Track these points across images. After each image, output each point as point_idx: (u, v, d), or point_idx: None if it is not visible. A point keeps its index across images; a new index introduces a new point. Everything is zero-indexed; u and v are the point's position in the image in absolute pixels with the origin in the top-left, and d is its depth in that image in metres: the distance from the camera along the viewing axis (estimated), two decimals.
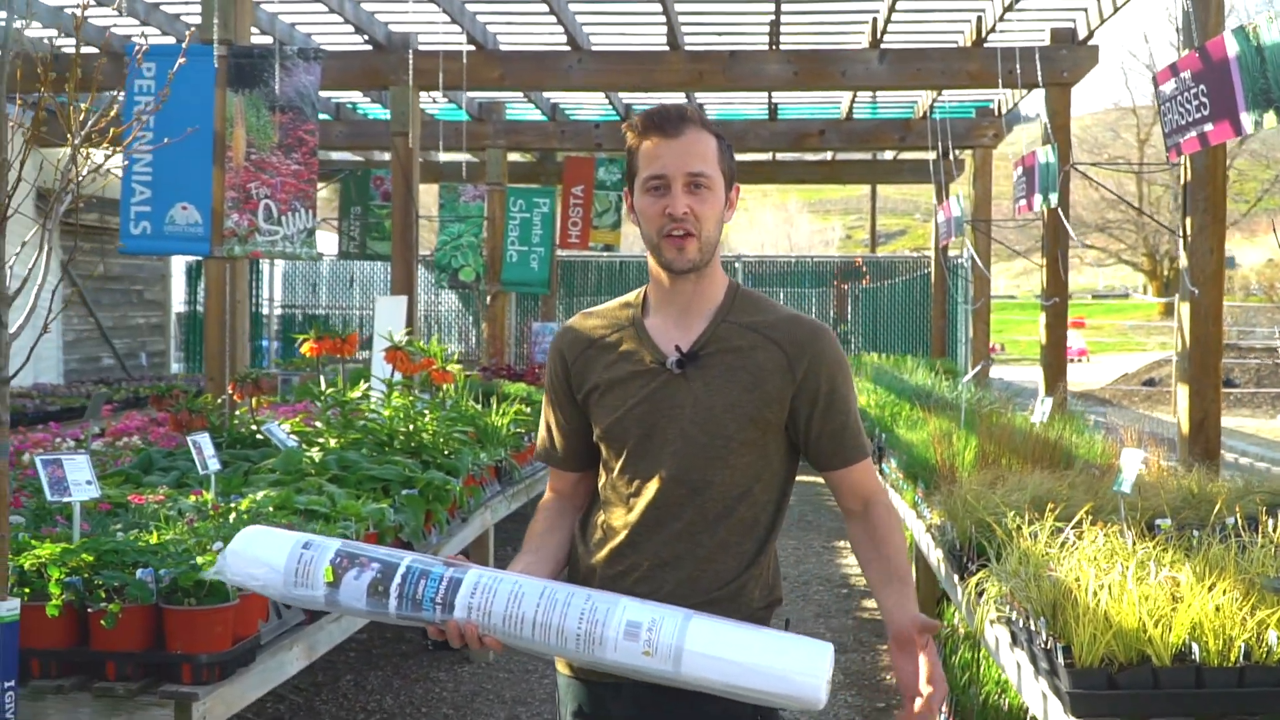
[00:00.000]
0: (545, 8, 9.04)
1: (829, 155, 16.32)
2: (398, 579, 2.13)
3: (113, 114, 3.14)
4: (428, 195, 16.21)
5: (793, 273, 18.39)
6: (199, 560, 3.36)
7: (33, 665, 3.28)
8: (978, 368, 9.24)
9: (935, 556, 5.32)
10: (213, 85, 6.58)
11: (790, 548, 9.85)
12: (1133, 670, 3.00)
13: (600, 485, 2.46)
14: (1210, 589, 3.13)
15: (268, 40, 9.57)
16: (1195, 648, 2.99)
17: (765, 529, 2.39)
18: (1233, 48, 4.17)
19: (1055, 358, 9.23)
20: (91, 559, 3.39)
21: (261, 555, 2.24)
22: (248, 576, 2.25)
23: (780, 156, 16.44)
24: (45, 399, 11.02)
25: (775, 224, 67.09)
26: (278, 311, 17.91)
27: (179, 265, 17.24)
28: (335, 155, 16.25)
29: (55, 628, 3.28)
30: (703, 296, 2.39)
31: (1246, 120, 4.17)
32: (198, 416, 5.74)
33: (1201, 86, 4.47)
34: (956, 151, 14.52)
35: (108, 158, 3.23)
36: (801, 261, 18.90)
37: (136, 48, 4.77)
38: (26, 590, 3.30)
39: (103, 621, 3.23)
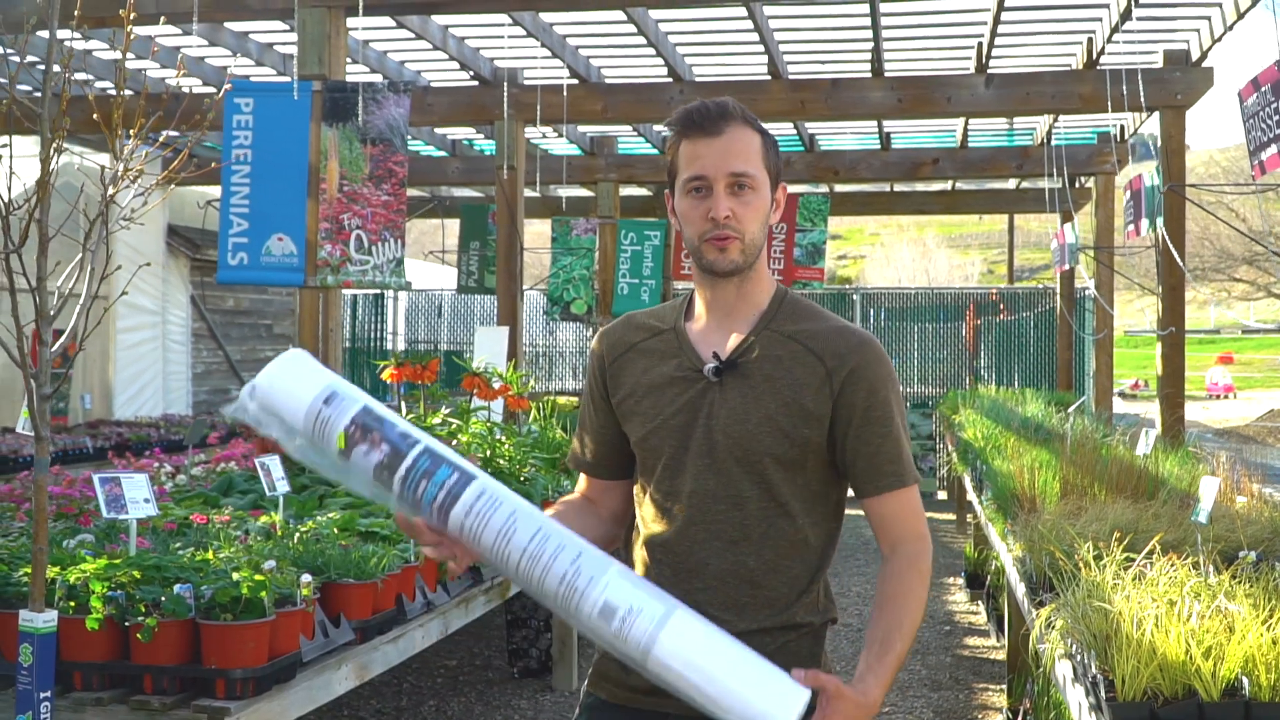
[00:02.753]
0: (644, 40, 9.07)
1: (949, 185, 16.06)
2: (402, 470, 1.98)
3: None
4: (543, 229, 16.38)
5: (916, 307, 18.01)
6: (235, 576, 3.39)
7: (75, 678, 3.35)
8: (1081, 399, 8.93)
9: (1020, 591, 5.14)
10: (307, 119, 6.74)
11: None
12: (1178, 705, 2.83)
13: (637, 497, 2.36)
14: (1266, 621, 2.95)
15: (363, 74, 9.78)
16: (1246, 682, 2.82)
17: (815, 553, 2.26)
18: None
19: (1173, 389, 8.89)
20: (137, 575, 3.45)
21: (285, 401, 2.03)
22: (268, 422, 2.05)
23: (899, 187, 16.24)
24: (171, 429, 11.37)
25: (912, 259, 66.21)
26: (401, 345, 18.23)
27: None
28: (457, 192, 16.54)
29: (97, 642, 3.35)
30: (747, 301, 2.28)
31: None
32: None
33: None
34: (1082, 179, 14.17)
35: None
36: (924, 294, 18.54)
37: (226, 84, 4.91)
38: (72, 604, 3.37)
39: (139, 635, 3.28)
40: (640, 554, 2.31)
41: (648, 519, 2.30)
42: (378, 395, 17.46)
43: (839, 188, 15.91)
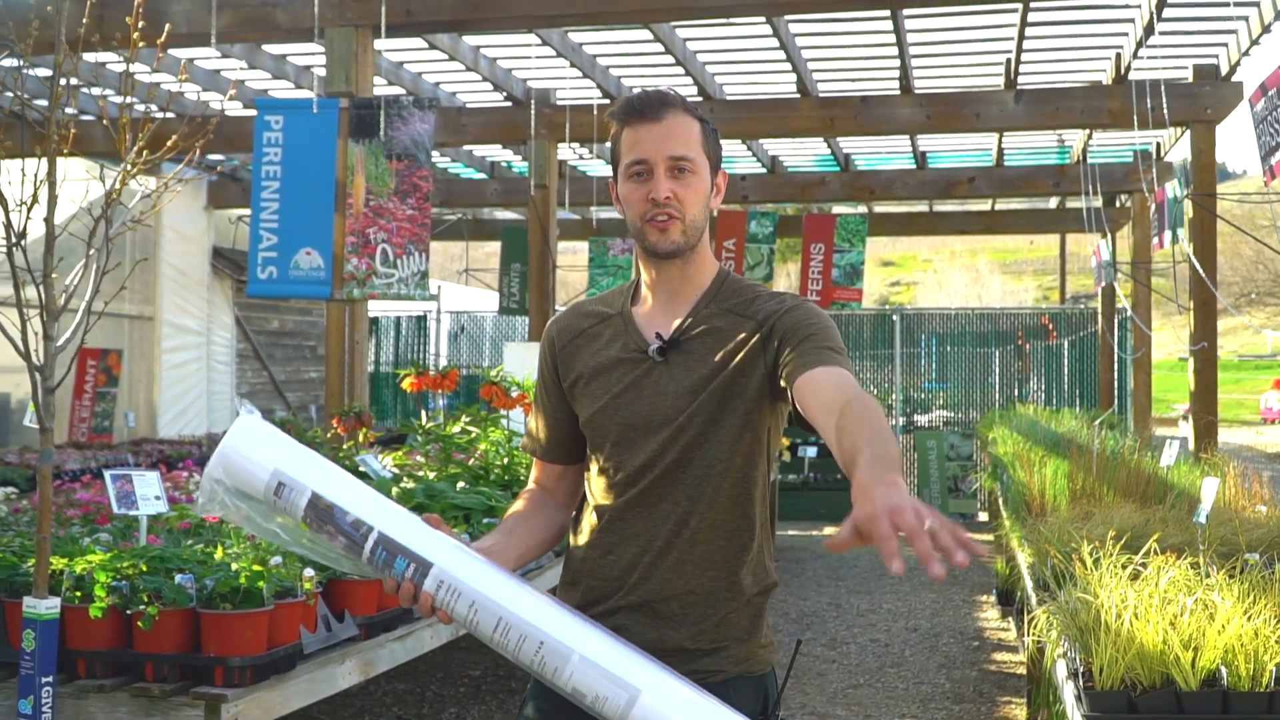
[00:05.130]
0: (672, 59, 9.16)
1: (989, 204, 16.02)
2: (365, 559, 2.05)
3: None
4: (583, 252, 16.49)
5: (959, 331, 17.79)
6: (234, 566, 3.47)
7: (79, 665, 3.44)
8: (1109, 411, 8.87)
9: (1034, 599, 5.14)
10: (334, 136, 6.88)
11: (929, 600, 9.61)
12: (1155, 694, 2.84)
13: (586, 478, 2.42)
14: (1247, 613, 2.95)
15: (390, 91, 9.94)
16: (1224, 672, 2.82)
17: (756, 506, 2.31)
18: None
19: (1204, 405, 8.83)
20: (143, 567, 3.54)
21: (249, 486, 2.06)
22: (240, 511, 2.09)
23: (938, 207, 16.21)
24: (213, 447, 11.52)
25: (965, 285, 65.85)
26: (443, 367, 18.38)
27: None
28: (498, 214, 16.70)
29: (101, 630, 3.44)
30: (690, 283, 2.34)
31: None
32: None
33: None
34: (1121, 198, 14.10)
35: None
36: (967, 315, 18.39)
37: (231, 91, 5.06)
38: (78, 594, 3.46)
39: (140, 623, 3.36)
40: (589, 521, 2.37)
41: (597, 493, 2.37)
42: (421, 404, 17.53)
43: (878, 208, 15.91)
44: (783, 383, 2.20)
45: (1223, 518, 4.38)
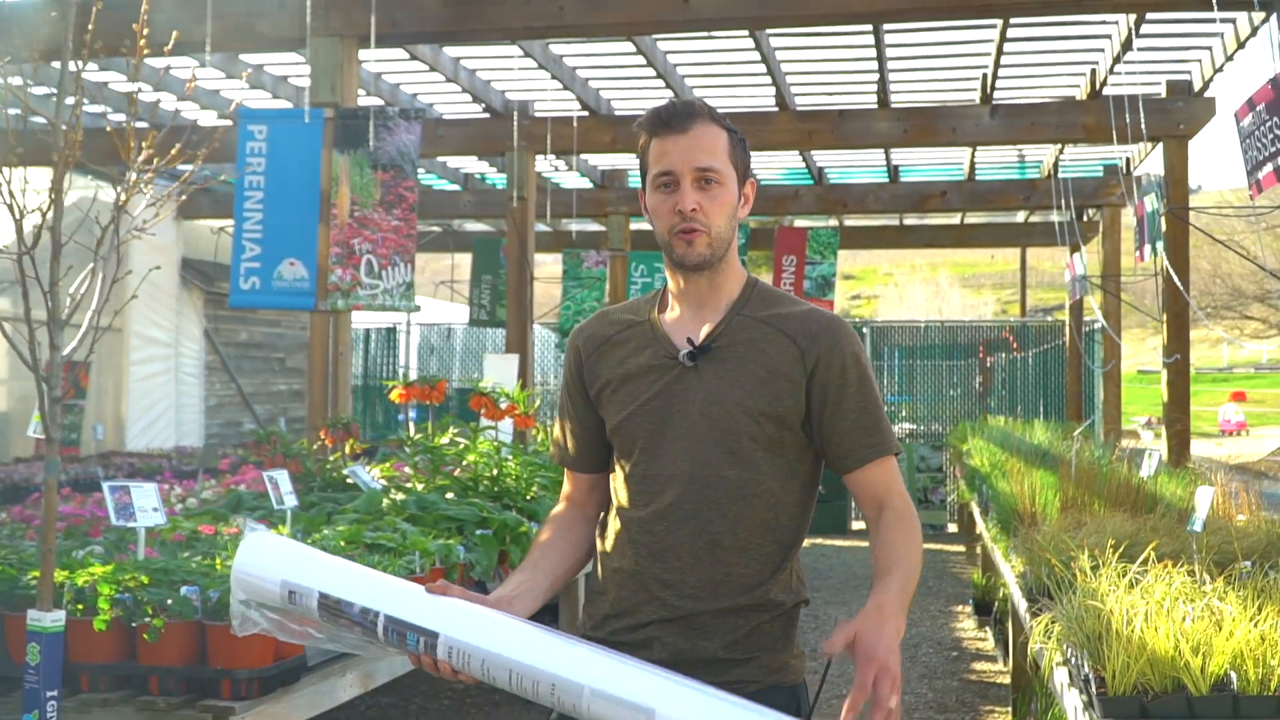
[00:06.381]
0: (653, 71, 9.19)
1: (959, 218, 16.13)
2: (380, 641, 2.15)
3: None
4: (554, 265, 16.49)
5: (927, 343, 17.94)
6: None
7: (82, 679, 3.40)
8: (1088, 422, 8.96)
9: (1022, 607, 5.17)
10: (319, 146, 6.85)
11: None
12: (1167, 699, 2.87)
13: (613, 485, 2.40)
14: (1254, 618, 2.99)
15: (368, 102, 9.92)
16: (1234, 676, 2.86)
17: (789, 533, 2.31)
18: None
19: (1177, 416, 8.92)
20: (146, 579, 3.51)
21: (269, 599, 2.23)
22: (265, 625, 2.27)
23: (907, 221, 16.32)
24: (183, 460, 11.43)
25: (926, 299, 66.26)
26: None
27: None
28: (470, 226, 16.67)
29: (105, 644, 3.41)
30: (719, 292, 2.34)
31: None
32: (293, 461, 5.91)
33: (1275, 119, 4.34)
34: (1090, 212, 14.24)
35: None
36: (936, 329, 18.52)
37: (232, 108, 5.05)
38: (80, 606, 3.43)
39: (145, 635, 3.33)
40: (617, 530, 2.35)
41: (624, 501, 2.34)
42: (389, 417, 17.39)
43: (848, 221, 16.00)
44: (831, 461, 2.33)
45: (1214, 526, 4.43)
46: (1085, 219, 14.53)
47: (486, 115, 10.31)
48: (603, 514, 2.45)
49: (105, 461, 10.66)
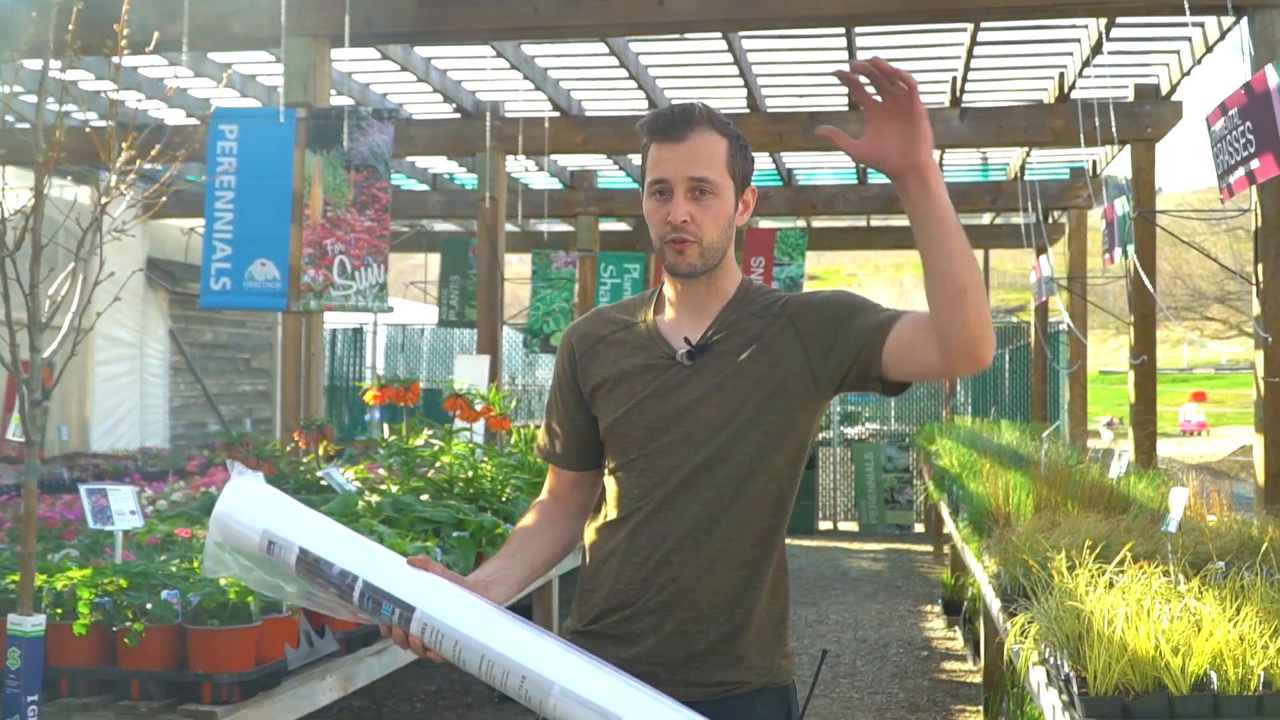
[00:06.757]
0: (625, 72, 9.19)
1: None
2: (354, 605, 2.14)
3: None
4: (525, 263, 16.48)
5: None
6: (223, 582, 3.43)
7: (61, 684, 3.37)
8: (1055, 424, 9.03)
9: (995, 607, 5.21)
10: (292, 145, 6.81)
11: (875, 611, 9.71)
12: (1148, 699, 2.90)
13: (608, 482, 2.39)
14: (1232, 619, 3.03)
15: (346, 102, 9.88)
16: (1214, 676, 2.89)
17: (787, 507, 2.32)
18: (1274, 79, 4.10)
19: (1144, 417, 9.01)
20: (125, 583, 3.48)
21: (246, 546, 2.20)
22: (235, 571, 2.23)
23: (875, 222, 16.39)
24: (148, 461, 11.34)
25: (890, 299, 66.56)
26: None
27: None
28: (439, 226, 16.62)
29: (85, 648, 3.37)
30: (715, 295, 2.35)
31: None
32: (266, 463, 5.88)
33: (1248, 123, 4.39)
34: (1055, 214, 14.35)
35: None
36: None
37: (203, 114, 5.02)
38: (59, 611, 3.40)
39: (126, 640, 3.31)
40: (610, 528, 2.35)
41: (620, 498, 2.34)
42: (355, 418, 17.28)
43: (816, 222, 16.06)
44: (871, 366, 2.22)
45: (1187, 527, 4.48)
46: (1051, 221, 14.64)
47: (457, 115, 10.29)
48: (595, 510, 2.45)
49: (70, 463, 10.56)
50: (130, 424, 13.85)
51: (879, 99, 2.00)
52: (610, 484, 2.39)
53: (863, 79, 1.99)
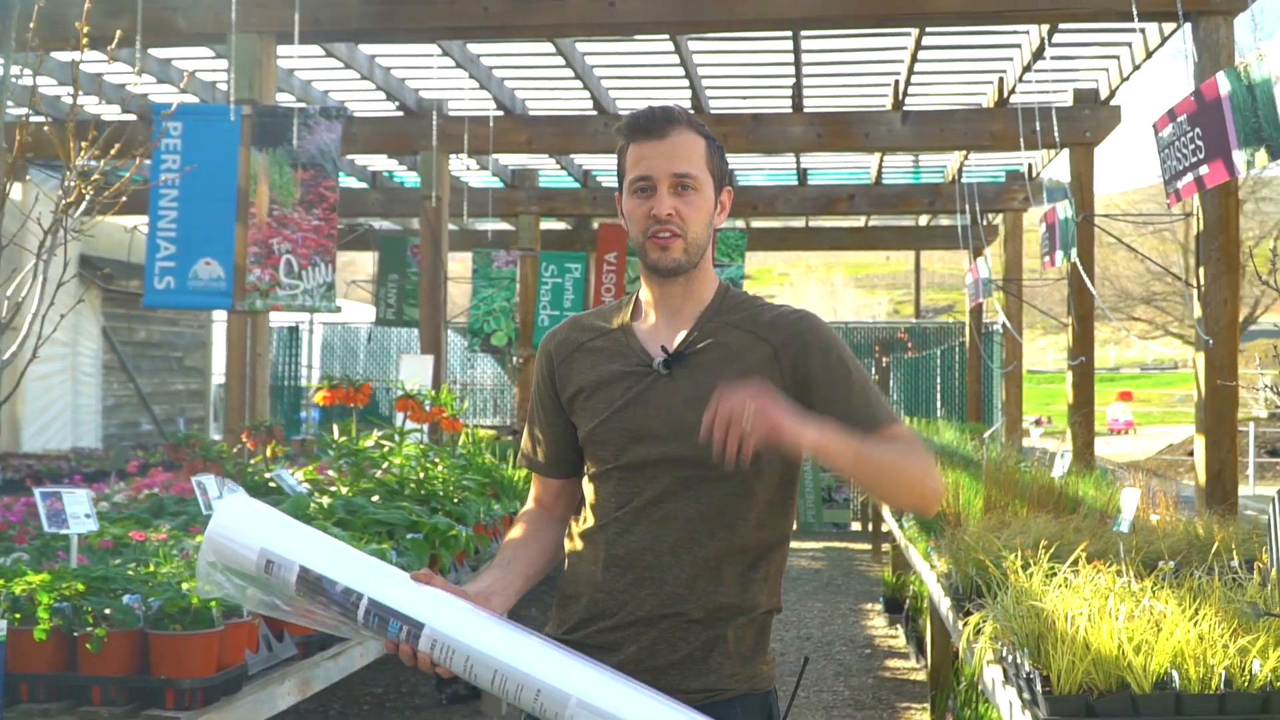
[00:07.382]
0: (571, 73, 9.19)
1: (863, 221, 16.37)
2: (359, 624, 2.09)
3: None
4: (464, 262, 16.40)
5: None
6: (185, 586, 3.39)
7: (21, 689, 3.32)
8: (997, 425, 9.16)
9: (945, 606, 5.27)
10: (237, 144, 6.74)
11: (817, 609, 9.78)
12: (1111, 697, 2.96)
13: (587, 490, 2.39)
14: (1192, 618, 3.09)
15: (289, 102, 9.78)
16: (1176, 675, 2.95)
17: (771, 531, 2.31)
18: (1224, 87, 4.19)
19: (1082, 417, 9.16)
20: (83, 586, 3.43)
21: (242, 565, 2.13)
22: (230, 590, 2.18)
23: (814, 223, 16.52)
24: (82, 461, 11.15)
25: (820, 298, 67.05)
26: (316, 380, 18.09)
27: (221, 333, 17.46)
28: (378, 224, 16.50)
29: (45, 653, 3.32)
30: (692, 299, 2.35)
31: (1239, 159, 4.17)
32: (213, 464, 5.81)
33: (1197, 129, 4.48)
34: (990, 216, 14.54)
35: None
36: (843, 329, 18.80)
37: (164, 112, 4.94)
38: (17, 616, 3.34)
39: (88, 645, 3.26)
40: (591, 535, 2.35)
41: (599, 505, 2.34)
42: (290, 418, 17.08)
43: (755, 223, 16.15)
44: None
45: (1136, 526, 4.57)
46: (985, 223, 14.84)
47: (400, 113, 10.23)
48: (575, 518, 2.45)
49: (2, 463, 10.36)
50: (62, 424, 13.61)
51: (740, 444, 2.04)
52: (589, 491, 2.38)
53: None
